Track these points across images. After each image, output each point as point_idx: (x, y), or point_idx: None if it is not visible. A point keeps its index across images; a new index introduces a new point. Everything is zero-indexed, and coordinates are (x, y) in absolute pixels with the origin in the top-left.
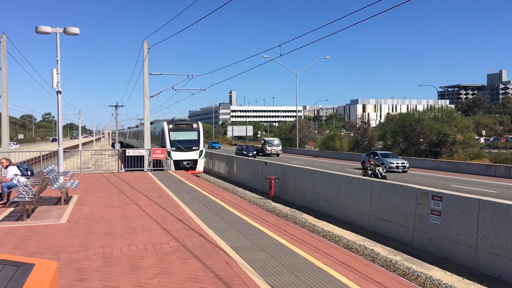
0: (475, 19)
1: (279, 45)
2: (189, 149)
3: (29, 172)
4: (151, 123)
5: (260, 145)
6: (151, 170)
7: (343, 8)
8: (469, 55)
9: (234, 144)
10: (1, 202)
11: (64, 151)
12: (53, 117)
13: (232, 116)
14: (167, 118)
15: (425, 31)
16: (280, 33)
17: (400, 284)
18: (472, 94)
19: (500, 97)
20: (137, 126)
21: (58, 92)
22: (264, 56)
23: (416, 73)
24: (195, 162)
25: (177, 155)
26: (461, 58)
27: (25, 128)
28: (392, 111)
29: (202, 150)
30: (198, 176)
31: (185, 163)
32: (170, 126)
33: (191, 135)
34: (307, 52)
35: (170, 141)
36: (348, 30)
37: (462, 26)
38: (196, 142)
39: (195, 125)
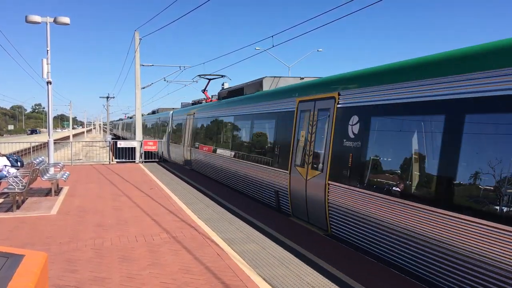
0: (475, 15)
1: (272, 36)
2: None
3: (19, 163)
4: None
5: None
6: (142, 162)
7: None
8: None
9: None
10: None
11: (54, 143)
12: (44, 108)
13: None
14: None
15: (420, 24)
16: (273, 23)
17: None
18: None
19: None
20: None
21: (48, 82)
22: (256, 48)
23: None
24: None
25: None
26: None
27: (15, 119)
28: None
29: None
30: None
31: None
32: None
33: None
34: (301, 44)
35: None
36: (341, 22)
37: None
38: None
39: None
